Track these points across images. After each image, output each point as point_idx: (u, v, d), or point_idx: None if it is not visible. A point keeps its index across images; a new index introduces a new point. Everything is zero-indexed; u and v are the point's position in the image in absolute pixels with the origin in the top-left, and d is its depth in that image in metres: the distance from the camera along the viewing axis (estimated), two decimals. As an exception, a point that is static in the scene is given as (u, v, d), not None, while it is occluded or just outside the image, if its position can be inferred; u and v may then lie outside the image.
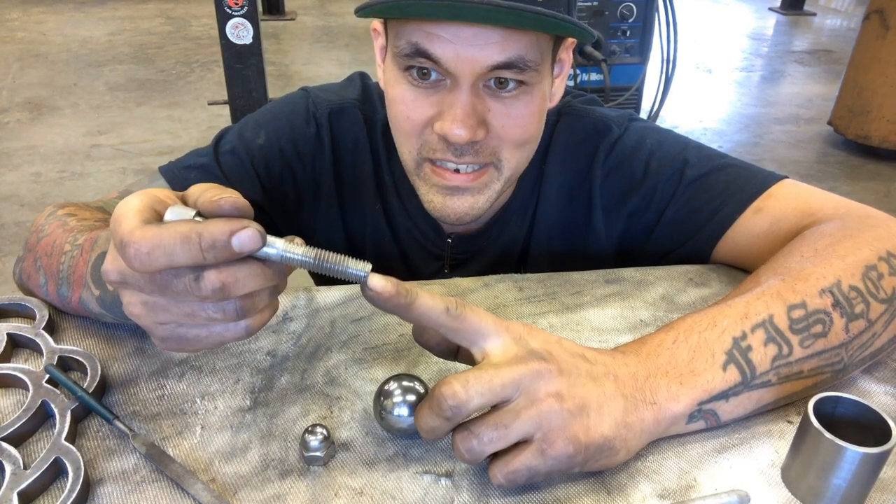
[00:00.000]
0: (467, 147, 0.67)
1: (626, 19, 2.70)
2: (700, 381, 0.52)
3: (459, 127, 0.64)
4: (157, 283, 0.41)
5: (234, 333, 0.44)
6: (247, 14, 2.64)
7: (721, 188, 0.76)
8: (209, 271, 0.41)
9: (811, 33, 6.10)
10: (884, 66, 3.29)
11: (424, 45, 0.63)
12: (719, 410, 0.53)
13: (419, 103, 0.67)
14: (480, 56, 0.62)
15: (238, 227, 0.40)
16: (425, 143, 0.69)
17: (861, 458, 0.45)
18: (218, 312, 0.43)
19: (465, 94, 0.64)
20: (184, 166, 0.80)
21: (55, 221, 0.65)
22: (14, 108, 3.83)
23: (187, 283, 0.41)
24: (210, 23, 5.27)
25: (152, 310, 0.43)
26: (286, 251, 0.43)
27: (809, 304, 0.55)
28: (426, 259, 0.88)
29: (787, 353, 0.54)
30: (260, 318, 0.45)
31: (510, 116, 0.67)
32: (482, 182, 0.71)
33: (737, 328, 0.54)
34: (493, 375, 0.45)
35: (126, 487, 0.49)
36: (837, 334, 0.56)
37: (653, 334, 0.55)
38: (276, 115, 0.84)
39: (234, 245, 0.40)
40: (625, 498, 0.49)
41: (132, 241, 0.39)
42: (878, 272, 0.59)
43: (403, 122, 0.70)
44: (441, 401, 0.45)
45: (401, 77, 0.67)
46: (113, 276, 0.43)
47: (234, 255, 0.41)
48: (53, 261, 0.62)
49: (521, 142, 0.70)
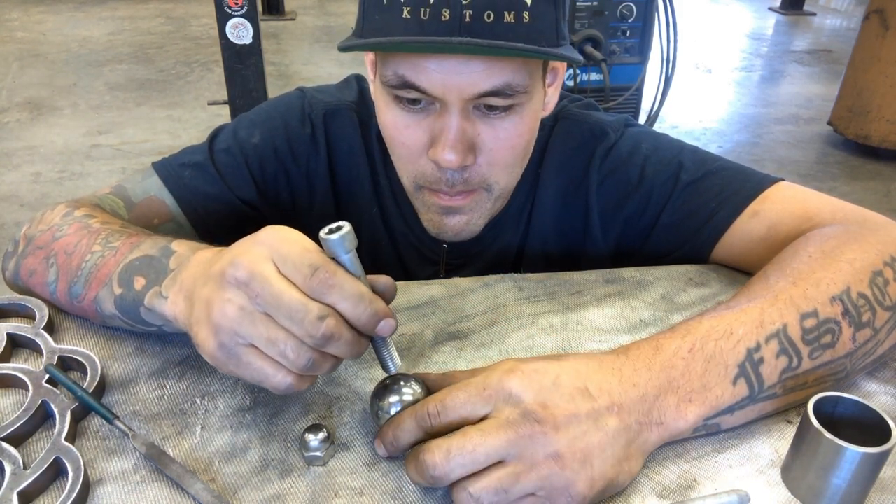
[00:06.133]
0: (458, 177, 0.68)
1: (625, 19, 2.69)
2: (710, 398, 0.51)
3: (450, 152, 0.64)
4: (281, 302, 0.44)
5: (276, 381, 0.46)
6: (247, 14, 2.64)
7: (716, 191, 0.76)
8: (332, 319, 0.44)
9: (811, 33, 6.10)
10: (884, 66, 3.29)
11: (411, 78, 0.63)
12: (723, 423, 0.53)
13: (412, 130, 0.67)
14: (467, 84, 0.62)
15: (391, 316, 0.47)
16: (420, 174, 0.70)
17: (861, 458, 0.45)
18: (293, 353, 0.45)
19: (455, 118, 0.64)
20: (178, 164, 0.80)
21: (76, 223, 0.65)
22: (14, 108, 3.83)
23: (310, 316, 0.44)
24: (210, 23, 5.27)
25: (244, 318, 0.45)
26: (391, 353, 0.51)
27: (821, 313, 0.55)
28: (422, 263, 0.88)
29: (797, 365, 0.53)
30: (301, 383, 0.47)
31: (500, 138, 0.67)
32: (474, 201, 0.72)
33: (752, 338, 0.52)
34: (477, 445, 0.45)
35: (126, 487, 0.49)
36: (845, 344, 0.55)
37: (669, 338, 0.53)
38: (271, 115, 0.84)
39: (379, 326, 0.47)
40: (625, 498, 0.49)
41: (327, 269, 0.45)
42: (884, 278, 0.58)
43: (400, 149, 0.70)
44: (423, 469, 0.45)
45: (390, 101, 0.67)
46: (242, 273, 0.45)
47: (373, 332, 0.47)
48: (74, 259, 0.62)
49: (510, 163, 0.71)
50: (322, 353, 0.46)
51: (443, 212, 0.73)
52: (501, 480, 0.45)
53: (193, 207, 0.79)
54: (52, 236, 0.65)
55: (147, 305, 0.55)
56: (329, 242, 0.46)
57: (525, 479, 0.45)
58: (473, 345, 0.65)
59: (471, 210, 0.73)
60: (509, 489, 0.45)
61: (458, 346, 0.65)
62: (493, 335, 0.66)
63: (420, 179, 0.71)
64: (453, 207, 0.72)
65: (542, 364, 0.49)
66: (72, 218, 0.67)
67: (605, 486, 0.47)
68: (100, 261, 0.60)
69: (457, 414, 0.47)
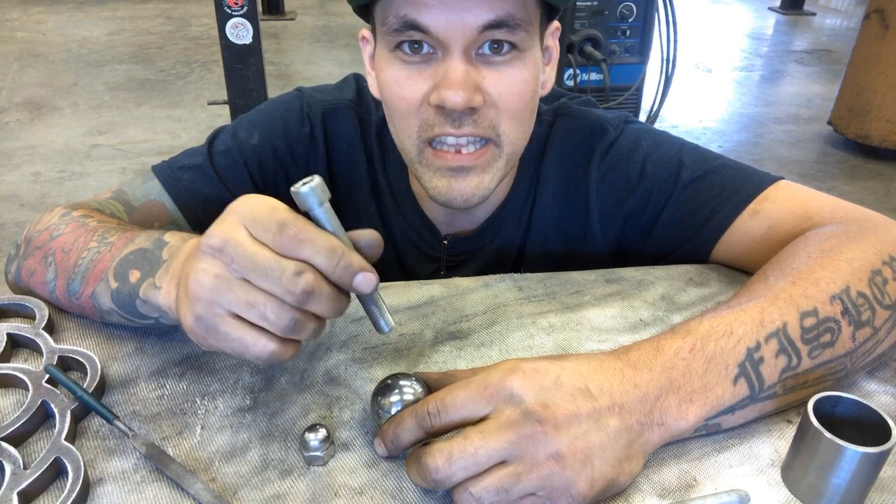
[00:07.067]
0: (466, 116, 0.65)
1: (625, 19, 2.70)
2: (710, 398, 0.51)
3: (456, 92, 0.63)
4: (256, 263, 0.43)
5: (258, 350, 0.45)
6: (247, 14, 2.64)
7: (717, 190, 0.76)
8: (309, 273, 0.43)
9: (811, 33, 6.10)
10: (884, 66, 3.29)
11: (413, 16, 0.62)
12: (723, 422, 0.53)
13: (412, 80, 0.66)
14: (469, 18, 0.61)
15: (368, 270, 0.46)
16: (423, 123, 0.67)
17: (861, 457, 0.45)
18: (274, 313, 0.44)
19: (458, 61, 0.63)
20: (177, 167, 0.80)
21: (73, 222, 0.66)
22: (14, 108, 3.83)
23: (287, 273, 0.43)
24: (210, 23, 5.27)
25: (220, 285, 0.44)
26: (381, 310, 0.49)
27: (821, 312, 0.55)
28: (422, 261, 0.88)
29: (796, 364, 0.53)
30: (284, 349, 0.46)
31: (505, 83, 0.66)
32: (485, 160, 0.69)
33: (752, 337, 0.53)
34: (479, 447, 0.45)
35: (126, 487, 0.49)
36: (844, 343, 0.55)
37: (669, 338, 0.53)
38: (269, 115, 0.84)
39: (355, 280, 0.45)
40: (625, 498, 0.49)
41: (294, 225, 0.43)
42: (882, 277, 0.59)
43: (399, 103, 0.68)
44: (425, 472, 0.45)
45: (392, 58, 0.67)
46: (215, 240, 0.44)
47: (350, 286, 0.45)
48: (71, 257, 0.62)
49: (517, 111, 0.68)
50: (304, 313, 0.45)
51: (451, 174, 0.69)
52: (502, 480, 0.45)
53: (193, 210, 0.79)
54: (49, 236, 0.66)
55: (142, 297, 0.55)
56: (300, 196, 0.44)
57: (526, 479, 0.45)
58: (473, 345, 0.65)
59: (482, 170, 0.69)
60: (510, 489, 0.45)
61: (458, 345, 0.65)
62: (493, 335, 0.66)
63: (424, 129, 0.68)
64: (463, 167, 0.68)
65: (543, 364, 0.49)
66: (69, 218, 0.67)
67: (605, 486, 0.47)
68: (96, 257, 0.60)
69: (457, 413, 0.47)
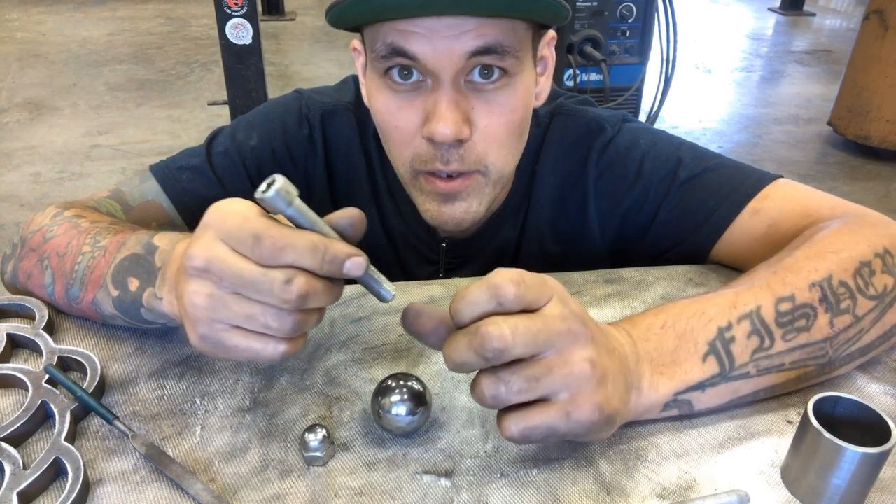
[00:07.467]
0: (454, 149, 0.66)
1: (625, 19, 2.70)
2: (679, 372, 0.52)
3: (444, 125, 0.63)
4: (244, 279, 0.43)
5: (269, 354, 0.45)
6: (246, 14, 2.64)
7: (715, 189, 0.76)
8: (300, 278, 0.43)
9: (811, 33, 6.10)
10: (883, 66, 3.29)
11: (400, 44, 0.62)
12: (694, 400, 0.53)
13: (404, 111, 0.67)
14: (457, 46, 0.61)
15: (354, 254, 0.44)
16: (416, 155, 0.69)
17: (861, 458, 0.45)
18: (276, 321, 0.44)
19: (447, 90, 0.63)
20: (176, 167, 0.80)
21: (65, 223, 0.65)
22: (14, 108, 3.83)
23: (277, 284, 0.42)
24: (210, 23, 5.27)
25: (215, 304, 0.44)
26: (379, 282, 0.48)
27: (798, 298, 0.56)
28: (421, 263, 0.88)
29: (769, 345, 0.54)
30: (294, 346, 0.46)
31: (494, 113, 0.66)
32: (471, 187, 0.71)
33: (723, 318, 0.54)
34: (541, 329, 0.44)
35: (126, 487, 0.49)
36: (821, 329, 0.56)
37: (642, 315, 0.55)
38: (268, 117, 0.84)
39: (345, 268, 0.44)
40: (625, 498, 0.49)
41: (269, 234, 0.42)
42: (870, 269, 0.59)
43: (393, 133, 0.69)
44: (485, 341, 0.43)
45: (382, 84, 0.67)
46: (198, 261, 0.44)
47: (342, 275, 0.44)
48: (67, 261, 0.62)
49: (504, 140, 0.69)
50: (304, 311, 0.45)
51: (441, 199, 0.71)
52: (535, 369, 0.44)
53: (191, 211, 0.79)
54: (42, 237, 0.65)
55: (147, 307, 0.56)
56: (266, 201, 0.42)
57: (557, 373, 0.44)
58: (473, 345, 0.65)
59: (469, 196, 0.71)
60: (540, 379, 0.44)
61: (458, 346, 0.64)
62: (492, 335, 0.66)
63: (416, 162, 0.69)
64: (451, 193, 0.70)
65: None
66: (61, 218, 0.67)
67: (613, 413, 0.47)
68: (91, 262, 0.60)
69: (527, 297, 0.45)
